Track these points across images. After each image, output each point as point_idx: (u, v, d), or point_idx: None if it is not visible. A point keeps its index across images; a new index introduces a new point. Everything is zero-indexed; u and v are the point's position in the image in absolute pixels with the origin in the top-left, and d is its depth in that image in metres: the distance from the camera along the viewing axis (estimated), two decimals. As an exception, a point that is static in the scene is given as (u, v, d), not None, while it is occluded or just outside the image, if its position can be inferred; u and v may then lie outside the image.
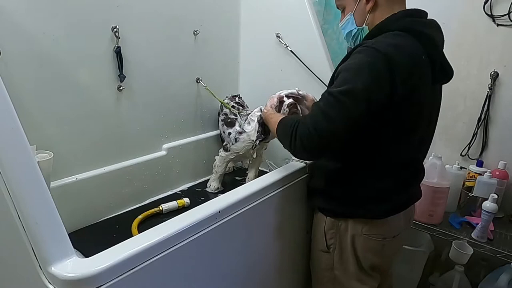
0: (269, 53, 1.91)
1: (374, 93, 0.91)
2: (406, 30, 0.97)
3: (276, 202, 1.16)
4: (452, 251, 1.47)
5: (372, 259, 1.12)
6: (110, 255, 0.72)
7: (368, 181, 1.06)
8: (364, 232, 1.09)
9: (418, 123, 1.03)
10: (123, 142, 1.57)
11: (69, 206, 1.34)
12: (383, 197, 1.07)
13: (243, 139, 1.55)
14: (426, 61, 0.98)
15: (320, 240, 1.17)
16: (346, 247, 1.12)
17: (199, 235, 0.88)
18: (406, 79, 0.93)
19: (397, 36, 0.96)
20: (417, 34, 0.97)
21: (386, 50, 0.91)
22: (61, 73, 1.32)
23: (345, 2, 1.10)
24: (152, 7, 1.55)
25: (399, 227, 1.13)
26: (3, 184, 0.70)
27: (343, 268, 1.15)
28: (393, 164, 1.05)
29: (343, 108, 0.91)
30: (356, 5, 1.05)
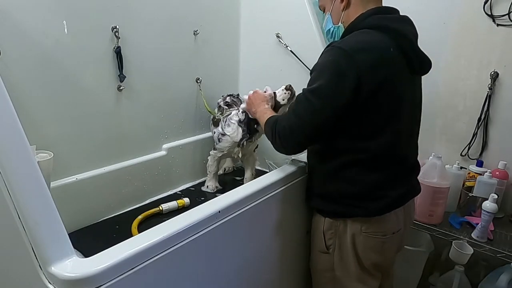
0: (269, 53, 1.91)
1: (338, 89, 0.97)
2: (374, 27, 1.02)
3: (276, 202, 1.16)
4: (452, 251, 1.47)
5: (373, 257, 1.12)
6: (110, 255, 0.72)
7: (357, 178, 1.07)
8: (363, 231, 1.09)
9: (398, 114, 1.05)
10: (123, 142, 1.57)
11: (69, 206, 1.34)
12: (377, 193, 1.07)
13: (225, 140, 1.62)
14: (395, 53, 1.01)
15: (319, 241, 1.17)
16: (346, 247, 1.12)
17: (199, 235, 0.88)
18: (373, 73, 0.96)
19: (364, 34, 1.02)
20: (385, 29, 1.01)
21: (349, 47, 0.97)
22: (61, 73, 1.32)
23: (324, 3, 1.17)
24: (152, 7, 1.55)
25: (398, 224, 1.13)
26: (3, 184, 0.70)
27: (344, 269, 1.15)
28: (378, 158, 1.05)
29: (309, 105, 1.01)
30: (332, 4, 1.12)
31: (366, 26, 1.03)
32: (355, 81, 0.95)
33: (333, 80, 0.97)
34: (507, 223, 1.58)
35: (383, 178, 1.07)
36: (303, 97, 1.04)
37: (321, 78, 0.99)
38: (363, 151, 1.04)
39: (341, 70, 0.96)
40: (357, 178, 1.07)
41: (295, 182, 1.22)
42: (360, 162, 1.05)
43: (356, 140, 1.04)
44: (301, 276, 1.43)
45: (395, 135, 1.05)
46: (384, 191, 1.07)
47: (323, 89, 0.99)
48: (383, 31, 1.01)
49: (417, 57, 1.06)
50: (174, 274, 0.86)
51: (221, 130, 1.64)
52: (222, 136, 1.63)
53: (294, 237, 1.31)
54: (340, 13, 1.10)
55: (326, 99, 0.99)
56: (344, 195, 1.09)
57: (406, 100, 1.07)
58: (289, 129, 1.05)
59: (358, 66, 0.95)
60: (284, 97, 1.41)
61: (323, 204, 1.15)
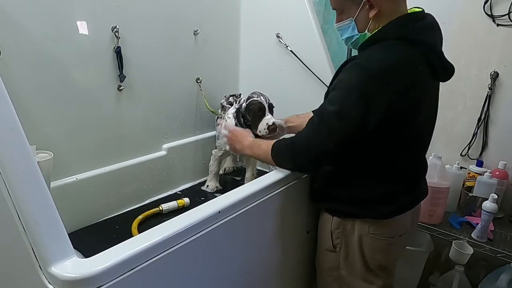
0: (269, 53, 1.91)
1: (364, 116, 0.93)
2: (403, 39, 0.95)
3: (276, 202, 1.16)
4: (452, 251, 1.47)
5: (379, 258, 1.12)
6: (110, 255, 0.72)
7: (373, 186, 1.06)
8: (371, 232, 1.08)
9: (421, 128, 1.05)
10: (123, 142, 1.57)
11: (69, 206, 1.34)
12: (390, 199, 1.06)
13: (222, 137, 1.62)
14: (423, 68, 0.97)
15: (326, 239, 1.17)
16: (353, 246, 1.11)
17: (199, 235, 0.88)
18: (401, 97, 0.93)
19: (391, 48, 0.95)
20: (414, 42, 0.95)
21: (379, 69, 0.92)
22: (61, 73, 1.32)
23: (344, 6, 1.03)
24: (152, 7, 1.55)
25: (405, 226, 1.13)
26: (3, 184, 0.70)
27: (349, 268, 1.14)
28: (399, 169, 1.06)
29: (333, 129, 0.97)
30: (359, 10, 0.99)
31: (395, 37, 0.96)
32: (383, 108, 0.92)
33: (359, 106, 0.92)
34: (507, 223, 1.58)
35: (399, 186, 1.07)
36: (325, 118, 0.98)
37: (346, 101, 0.94)
38: (383, 166, 1.04)
39: (369, 97, 0.91)
40: (372, 186, 1.06)
41: (295, 182, 1.22)
42: (379, 175, 1.05)
43: (378, 156, 1.03)
44: (301, 276, 1.43)
45: (417, 147, 1.07)
46: (397, 197, 1.07)
47: (348, 111, 0.94)
48: (413, 44, 0.95)
49: (443, 67, 1.03)
50: (174, 275, 0.85)
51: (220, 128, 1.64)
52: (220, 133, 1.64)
53: (295, 237, 1.31)
54: (368, 21, 0.99)
55: (351, 122, 0.94)
56: (356, 199, 1.08)
57: (428, 110, 1.06)
58: (311, 152, 1.02)
59: (387, 93, 0.91)
60: (263, 133, 1.40)
61: (333, 204, 1.14)
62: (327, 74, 1.76)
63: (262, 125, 1.40)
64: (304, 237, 1.34)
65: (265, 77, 1.96)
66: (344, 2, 1.02)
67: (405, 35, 0.96)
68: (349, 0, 1.00)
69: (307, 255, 1.41)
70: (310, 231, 1.36)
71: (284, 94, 1.68)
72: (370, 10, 0.98)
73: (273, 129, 1.38)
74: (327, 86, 1.73)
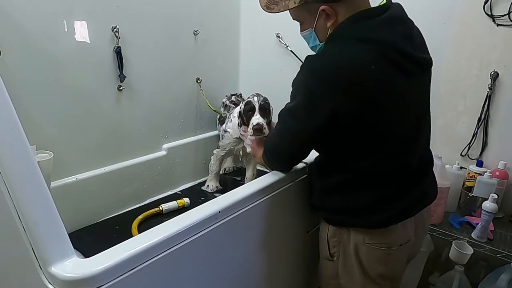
0: (269, 53, 1.91)
1: (311, 113, 0.93)
2: (352, 37, 0.91)
3: (276, 202, 1.16)
4: (452, 251, 1.46)
5: (379, 269, 1.06)
6: (110, 255, 0.72)
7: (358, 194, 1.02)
8: (366, 242, 1.03)
9: (397, 125, 0.97)
10: (123, 142, 1.57)
11: (69, 206, 1.34)
12: (379, 207, 1.01)
13: (227, 136, 1.63)
14: (379, 67, 0.90)
15: (324, 247, 1.14)
16: (350, 255, 1.07)
17: (199, 235, 0.88)
18: (349, 96, 0.89)
19: (342, 47, 0.92)
20: (366, 41, 0.90)
21: (322, 67, 0.91)
22: (61, 73, 1.32)
23: (302, 18, 1.01)
24: (152, 7, 1.55)
25: (406, 235, 1.05)
26: (3, 184, 0.70)
27: (348, 277, 1.11)
28: (378, 176, 1.00)
29: (288, 127, 1.02)
30: (316, 21, 0.97)
31: (345, 36, 0.93)
32: (328, 105, 0.90)
33: (305, 103, 0.94)
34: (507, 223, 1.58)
35: (386, 193, 1.01)
36: (283, 116, 1.03)
37: (296, 99, 0.97)
38: (359, 172, 1.00)
39: (312, 94, 0.92)
40: (357, 194, 1.02)
41: (295, 182, 1.22)
42: (359, 181, 1.01)
43: (350, 161, 1.00)
44: (301, 276, 1.43)
45: (395, 148, 0.99)
46: (386, 204, 1.01)
47: (298, 111, 0.96)
48: (363, 41, 0.90)
49: (411, 61, 0.94)
50: (174, 275, 0.85)
51: (224, 127, 1.65)
52: (224, 133, 1.65)
53: (295, 237, 1.31)
54: (327, 30, 0.97)
55: (301, 122, 0.97)
56: (346, 208, 1.04)
57: (404, 110, 0.97)
58: (275, 150, 1.10)
59: (329, 91, 0.89)
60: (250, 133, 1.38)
61: (326, 213, 1.12)
62: (327, 74, 1.76)
63: (250, 126, 1.39)
64: (304, 237, 1.34)
65: (265, 77, 1.96)
66: (301, 14, 1.00)
67: (355, 33, 0.91)
68: (305, 12, 0.98)
69: (308, 255, 1.41)
70: (310, 231, 1.36)
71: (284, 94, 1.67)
72: (327, 20, 0.96)
73: (256, 129, 1.35)
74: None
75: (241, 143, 1.61)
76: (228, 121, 1.63)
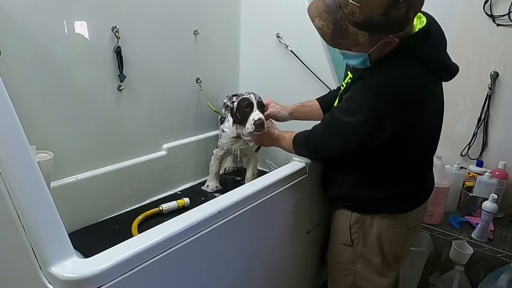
0: (269, 53, 1.91)
1: (373, 132, 1.00)
2: (414, 60, 0.98)
3: (276, 202, 1.16)
4: (452, 251, 1.47)
5: (397, 250, 1.18)
6: (110, 255, 0.72)
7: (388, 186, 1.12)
8: (390, 226, 1.14)
9: (433, 124, 1.10)
10: (123, 142, 1.57)
11: (69, 206, 1.34)
12: (408, 195, 1.14)
13: (224, 136, 1.64)
14: (433, 83, 1.03)
15: (344, 234, 1.20)
16: (371, 241, 1.16)
17: (199, 236, 0.88)
18: (411, 111, 0.99)
19: (403, 69, 0.97)
20: (424, 62, 0.98)
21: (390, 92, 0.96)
22: (61, 73, 1.32)
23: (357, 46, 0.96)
24: (152, 7, 1.55)
25: (419, 218, 1.21)
26: (3, 184, 0.70)
27: (366, 262, 1.19)
28: (409, 172, 1.12)
29: (341, 136, 1.06)
30: (374, 48, 0.96)
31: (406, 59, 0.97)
32: (392, 128, 0.99)
33: (370, 122, 0.99)
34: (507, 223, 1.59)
35: (413, 184, 1.15)
36: (338, 123, 1.05)
37: (357, 115, 1.00)
38: (394, 169, 1.11)
39: (374, 115, 0.98)
40: (391, 186, 1.12)
41: (295, 182, 1.22)
42: (392, 175, 1.12)
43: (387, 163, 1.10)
44: (301, 275, 1.43)
45: (426, 144, 1.11)
46: (411, 193, 1.14)
47: (355, 127, 1.01)
48: (422, 64, 0.98)
49: (449, 71, 1.07)
50: (174, 275, 0.85)
51: (222, 127, 1.67)
52: (222, 132, 1.66)
53: (295, 237, 1.31)
54: (384, 52, 0.97)
55: (356, 136, 1.03)
56: (374, 199, 1.14)
57: (435, 115, 1.11)
58: (321, 150, 1.16)
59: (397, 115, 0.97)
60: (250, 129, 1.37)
61: (352, 202, 1.18)
62: (327, 74, 1.76)
63: (249, 122, 1.38)
64: (304, 237, 1.34)
65: (265, 77, 1.96)
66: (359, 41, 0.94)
67: (412, 55, 0.97)
68: (367, 41, 0.94)
69: (308, 255, 1.41)
70: (310, 231, 1.36)
71: (284, 94, 1.67)
72: (387, 47, 0.96)
73: (259, 124, 1.35)
74: (327, 86, 1.74)
75: (238, 142, 1.62)
76: (226, 121, 1.64)
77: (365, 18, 0.87)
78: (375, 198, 1.13)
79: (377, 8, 0.85)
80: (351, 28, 0.91)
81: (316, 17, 0.96)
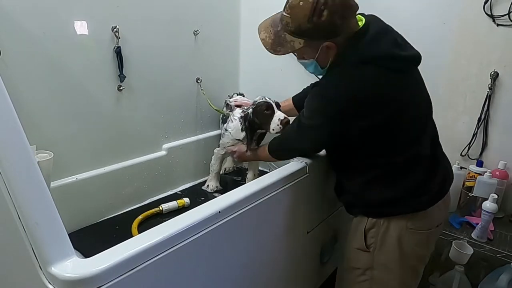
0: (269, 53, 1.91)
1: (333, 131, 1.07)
2: (358, 61, 1.02)
3: (276, 202, 1.16)
4: (452, 251, 1.47)
5: (419, 251, 1.15)
6: (110, 255, 0.72)
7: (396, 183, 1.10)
8: (409, 227, 1.11)
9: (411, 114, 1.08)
10: (123, 142, 1.57)
11: (69, 206, 1.34)
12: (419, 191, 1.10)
13: (227, 136, 1.63)
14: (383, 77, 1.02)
15: (359, 239, 1.18)
16: (389, 244, 1.13)
17: (199, 235, 0.88)
18: (367, 110, 1.01)
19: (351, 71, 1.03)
20: (368, 60, 1.01)
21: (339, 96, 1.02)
22: (61, 72, 1.32)
23: (303, 53, 1.11)
24: (152, 7, 1.55)
25: (440, 217, 1.17)
26: (3, 184, 0.70)
27: (383, 267, 1.16)
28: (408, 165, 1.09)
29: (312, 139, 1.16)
30: (318, 53, 1.06)
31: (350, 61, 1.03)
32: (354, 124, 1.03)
33: (326, 123, 1.06)
34: (507, 223, 1.58)
35: (420, 177, 1.10)
36: (302, 127, 1.14)
37: (316, 118, 1.08)
38: (389, 165, 1.09)
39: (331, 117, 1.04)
40: (395, 183, 1.10)
41: (295, 182, 1.22)
42: (391, 172, 1.10)
43: (378, 157, 1.09)
44: (301, 275, 1.43)
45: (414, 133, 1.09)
46: (425, 187, 1.11)
47: (317, 128, 1.09)
48: (366, 63, 1.01)
49: (404, 61, 1.06)
50: (174, 275, 0.85)
51: (225, 126, 1.66)
52: (225, 131, 1.65)
53: (295, 237, 1.31)
54: (329, 57, 1.07)
55: (321, 136, 1.11)
56: (386, 200, 1.12)
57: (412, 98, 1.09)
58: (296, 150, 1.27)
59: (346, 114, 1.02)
60: (277, 129, 1.42)
61: (364, 208, 1.17)
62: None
63: (274, 123, 1.41)
64: (304, 237, 1.34)
65: (265, 77, 1.96)
66: (304, 51, 1.09)
67: (355, 57, 1.02)
68: (308, 49, 1.07)
69: (308, 255, 1.42)
70: (310, 231, 1.36)
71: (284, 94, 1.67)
72: (329, 52, 1.06)
73: (286, 122, 1.40)
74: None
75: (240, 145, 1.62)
76: (229, 121, 1.63)
77: (296, 26, 1.02)
78: (383, 198, 1.12)
79: (303, 17, 0.99)
80: (289, 37, 1.06)
81: (262, 31, 1.14)
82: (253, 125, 1.50)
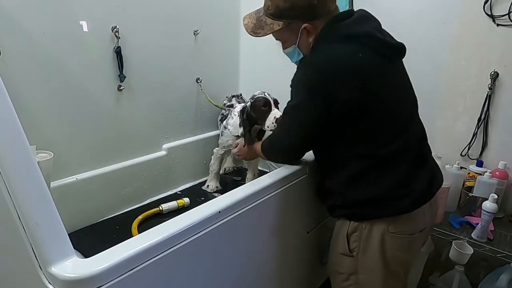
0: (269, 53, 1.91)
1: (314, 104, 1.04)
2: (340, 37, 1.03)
3: (276, 202, 1.16)
4: (452, 251, 1.47)
5: (401, 256, 1.12)
6: (110, 255, 0.72)
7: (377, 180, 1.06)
8: (391, 231, 1.08)
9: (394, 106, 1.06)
10: (123, 142, 1.57)
11: (69, 206, 1.34)
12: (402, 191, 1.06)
13: (226, 134, 1.62)
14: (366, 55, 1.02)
15: (342, 244, 1.15)
16: (372, 248, 1.10)
17: (199, 235, 0.88)
18: (346, 79, 1.00)
19: (329, 46, 1.04)
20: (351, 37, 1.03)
21: (319, 63, 1.03)
22: (61, 73, 1.32)
23: (285, 38, 1.14)
24: (152, 7, 1.55)
25: (425, 222, 1.13)
26: (3, 184, 0.70)
27: (368, 271, 1.13)
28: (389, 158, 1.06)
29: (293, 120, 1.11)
30: (299, 38, 1.09)
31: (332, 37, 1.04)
32: (329, 92, 1.01)
33: (308, 94, 1.04)
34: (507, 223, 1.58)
35: (403, 174, 1.07)
36: (287, 113, 1.13)
37: (298, 94, 1.07)
38: (371, 158, 1.06)
39: (313, 84, 1.03)
40: (377, 180, 1.07)
41: (295, 182, 1.22)
42: (373, 166, 1.06)
43: (359, 146, 1.06)
44: (301, 275, 1.43)
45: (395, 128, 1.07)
46: (407, 188, 1.06)
47: (302, 103, 1.06)
48: (349, 39, 1.03)
49: (390, 48, 1.06)
50: (174, 275, 0.86)
51: (225, 123, 1.65)
52: (224, 129, 1.64)
53: (295, 237, 1.31)
54: (309, 43, 1.09)
55: (307, 112, 1.07)
56: (368, 199, 1.08)
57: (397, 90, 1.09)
58: (281, 144, 1.17)
59: (328, 79, 1.00)
60: (272, 127, 1.41)
61: (346, 210, 1.14)
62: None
63: (269, 120, 1.40)
64: (304, 237, 1.34)
65: (265, 77, 1.96)
66: (284, 34, 1.12)
67: (337, 33, 1.04)
68: (288, 32, 1.10)
69: (308, 255, 1.41)
70: (310, 231, 1.36)
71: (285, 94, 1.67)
72: (309, 35, 1.08)
73: None
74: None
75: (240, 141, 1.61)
76: (229, 118, 1.62)
77: (275, 8, 1.06)
78: (365, 198, 1.08)
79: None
80: (269, 20, 1.10)
81: (246, 19, 1.17)
82: (250, 119, 1.48)
